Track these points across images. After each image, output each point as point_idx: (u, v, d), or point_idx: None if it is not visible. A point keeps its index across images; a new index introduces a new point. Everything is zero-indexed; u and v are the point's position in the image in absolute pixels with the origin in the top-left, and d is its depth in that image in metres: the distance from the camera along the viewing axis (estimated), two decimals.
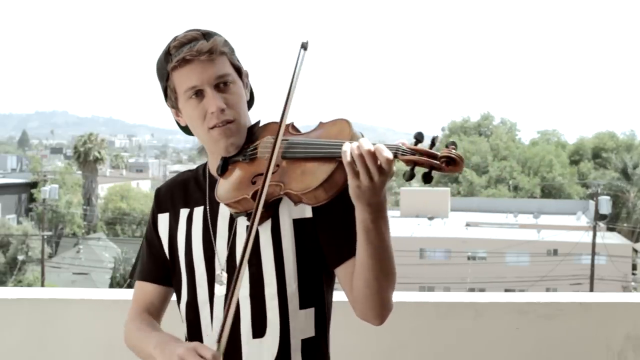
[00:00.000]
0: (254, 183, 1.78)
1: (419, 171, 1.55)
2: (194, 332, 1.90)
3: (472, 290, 28.75)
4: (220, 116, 1.81)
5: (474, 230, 35.78)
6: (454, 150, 1.53)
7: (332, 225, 1.81)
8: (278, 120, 1.74)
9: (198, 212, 1.92)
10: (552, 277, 29.20)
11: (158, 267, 1.97)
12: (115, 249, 34.89)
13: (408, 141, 1.58)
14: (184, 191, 1.97)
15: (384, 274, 1.70)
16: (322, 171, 1.66)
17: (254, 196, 1.74)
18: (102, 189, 49.29)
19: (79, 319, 2.98)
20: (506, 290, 25.75)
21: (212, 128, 1.82)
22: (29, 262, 34.58)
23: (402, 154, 1.56)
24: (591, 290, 25.73)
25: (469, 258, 33.55)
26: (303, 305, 1.83)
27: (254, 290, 1.82)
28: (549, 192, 52.33)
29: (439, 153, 1.54)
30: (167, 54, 1.84)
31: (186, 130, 1.95)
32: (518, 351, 3.06)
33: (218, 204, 1.87)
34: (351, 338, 1.95)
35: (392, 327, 1.83)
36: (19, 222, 40.56)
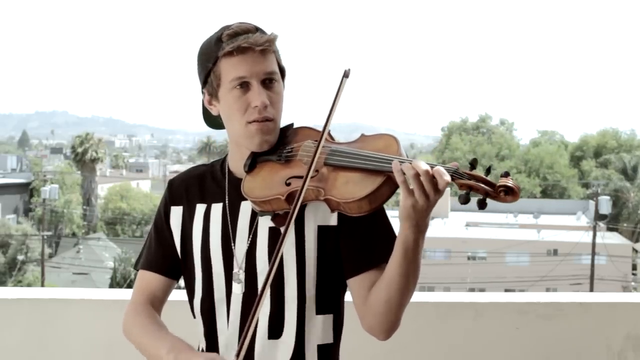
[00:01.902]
0: (288, 184, 1.76)
1: (474, 196, 1.57)
2: (210, 330, 1.87)
3: (472, 290, 28.77)
4: (262, 112, 1.79)
5: (474, 230, 35.78)
6: (511, 180, 1.54)
7: (355, 235, 1.80)
8: (310, 125, 1.78)
9: (216, 208, 1.89)
10: (552, 277, 29.20)
11: (165, 258, 1.94)
12: (115, 249, 34.89)
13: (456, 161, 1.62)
14: (200, 186, 1.93)
15: (407, 293, 1.70)
16: (369, 183, 1.67)
17: (288, 197, 1.74)
18: (102, 189, 49.34)
19: (79, 319, 2.98)
20: (506, 290, 25.76)
21: (250, 122, 1.81)
22: (29, 262, 34.59)
23: (459, 178, 1.58)
24: (591, 290, 25.74)
25: (469, 258, 33.57)
26: (320, 311, 1.82)
27: (274, 290, 1.80)
28: (549, 192, 52.30)
29: (496, 182, 1.56)
30: (218, 40, 1.81)
31: (212, 120, 1.93)
32: (518, 351, 3.06)
33: (239, 201, 1.85)
34: (350, 338, 1.94)
35: None
36: (18, 222, 40.57)
